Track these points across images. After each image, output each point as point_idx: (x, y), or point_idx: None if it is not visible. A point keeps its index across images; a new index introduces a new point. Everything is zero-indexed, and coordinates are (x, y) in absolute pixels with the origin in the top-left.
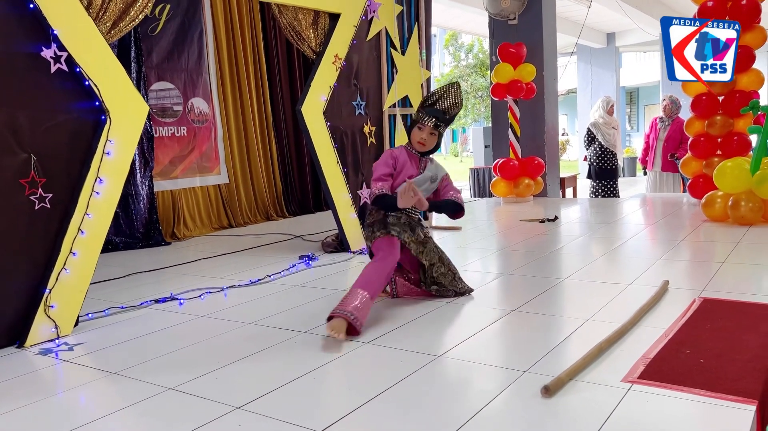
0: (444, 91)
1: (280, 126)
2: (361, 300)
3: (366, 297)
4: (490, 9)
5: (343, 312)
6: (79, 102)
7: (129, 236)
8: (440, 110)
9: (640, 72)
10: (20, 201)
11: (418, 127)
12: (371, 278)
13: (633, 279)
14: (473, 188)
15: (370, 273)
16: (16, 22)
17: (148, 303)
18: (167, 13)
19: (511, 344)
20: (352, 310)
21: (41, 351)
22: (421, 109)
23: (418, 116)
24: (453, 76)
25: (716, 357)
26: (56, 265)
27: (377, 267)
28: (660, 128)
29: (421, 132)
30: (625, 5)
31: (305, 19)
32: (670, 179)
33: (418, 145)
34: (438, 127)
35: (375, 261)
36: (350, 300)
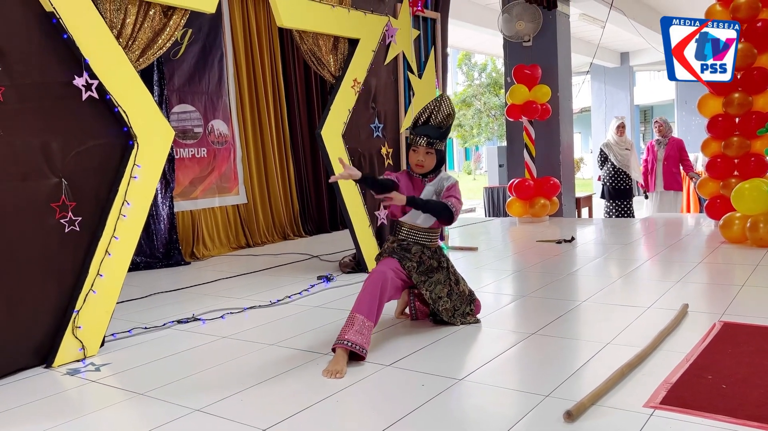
0: (434, 105)
1: (298, 147)
2: (358, 324)
3: (361, 319)
4: (504, 31)
5: (342, 343)
6: (108, 128)
7: (150, 256)
8: (433, 126)
9: (654, 90)
10: (51, 224)
11: (413, 149)
12: (361, 298)
13: (652, 302)
14: (488, 207)
15: (360, 294)
16: (50, 52)
17: (171, 323)
18: (189, 38)
19: (531, 368)
20: (350, 338)
21: (69, 372)
22: (412, 130)
23: (410, 138)
24: (466, 95)
25: (739, 383)
26: (84, 287)
27: (364, 286)
28: (657, 149)
29: (416, 154)
30: (638, 25)
31: (325, 45)
32: (674, 199)
33: (416, 167)
34: (432, 145)
35: (364, 281)
36: (347, 327)
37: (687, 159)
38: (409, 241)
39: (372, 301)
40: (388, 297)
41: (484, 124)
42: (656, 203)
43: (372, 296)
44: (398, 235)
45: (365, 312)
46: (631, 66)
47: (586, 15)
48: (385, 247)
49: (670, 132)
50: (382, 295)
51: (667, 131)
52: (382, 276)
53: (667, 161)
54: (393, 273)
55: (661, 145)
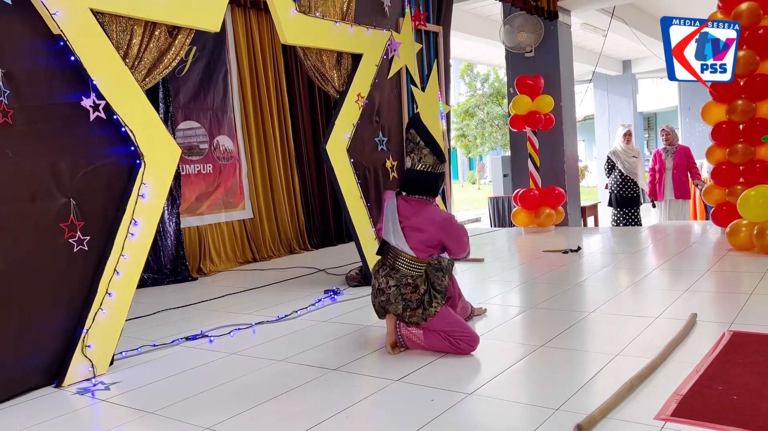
0: (415, 128)
1: (303, 161)
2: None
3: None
4: (506, 43)
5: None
6: (115, 147)
7: (157, 272)
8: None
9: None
10: (60, 244)
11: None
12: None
13: (660, 312)
14: (493, 217)
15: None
16: (59, 74)
17: (179, 340)
18: (194, 55)
19: (540, 381)
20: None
21: (79, 391)
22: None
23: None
24: (469, 105)
25: (749, 394)
26: (93, 306)
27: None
28: (665, 158)
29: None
30: (640, 33)
31: (329, 60)
32: (681, 206)
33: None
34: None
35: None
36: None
37: (695, 166)
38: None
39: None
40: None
41: (488, 134)
42: (665, 211)
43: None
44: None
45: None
46: (634, 73)
47: (588, 24)
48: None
49: (676, 140)
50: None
51: (674, 139)
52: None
53: (676, 170)
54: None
55: (668, 153)
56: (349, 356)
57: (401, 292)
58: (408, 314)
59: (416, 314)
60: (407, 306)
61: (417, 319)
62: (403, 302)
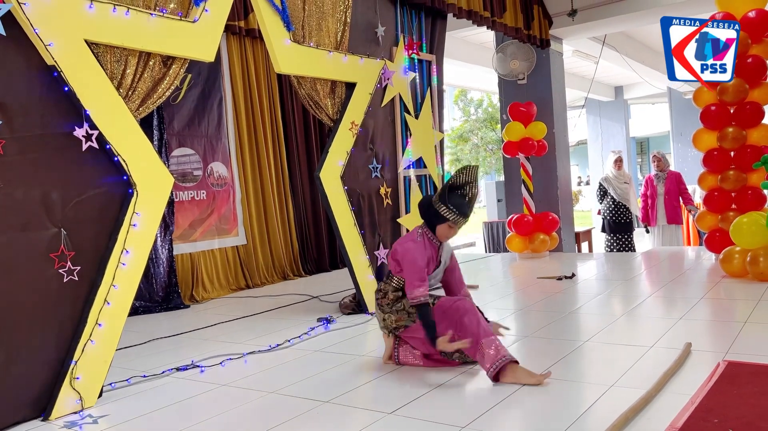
0: (471, 177)
1: (297, 187)
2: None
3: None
4: (499, 70)
5: (504, 359)
6: (108, 177)
7: (149, 300)
8: (470, 205)
9: (649, 122)
10: (50, 274)
11: (449, 225)
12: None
13: (654, 341)
14: (488, 242)
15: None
16: (51, 104)
17: (170, 371)
18: (189, 83)
19: (535, 414)
20: (504, 353)
21: (66, 425)
22: (447, 204)
23: (450, 215)
24: (463, 130)
25: (745, 426)
26: (82, 337)
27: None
28: (657, 184)
29: (451, 230)
30: (631, 61)
31: (323, 89)
32: (674, 232)
33: (443, 238)
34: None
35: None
36: (492, 349)
37: (686, 191)
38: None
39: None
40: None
41: (482, 158)
42: (659, 237)
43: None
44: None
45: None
46: (626, 99)
47: (579, 51)
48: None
49: (668, 166)
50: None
51: (665, 165)
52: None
53: (668, 195)
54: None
55: (660, 179)
56: (341, 387)
57: (378, 303)
58: (393, 320)
59: (399, 316)
60: (382, 310)
61: (404, 321)
62: (379, 309)
